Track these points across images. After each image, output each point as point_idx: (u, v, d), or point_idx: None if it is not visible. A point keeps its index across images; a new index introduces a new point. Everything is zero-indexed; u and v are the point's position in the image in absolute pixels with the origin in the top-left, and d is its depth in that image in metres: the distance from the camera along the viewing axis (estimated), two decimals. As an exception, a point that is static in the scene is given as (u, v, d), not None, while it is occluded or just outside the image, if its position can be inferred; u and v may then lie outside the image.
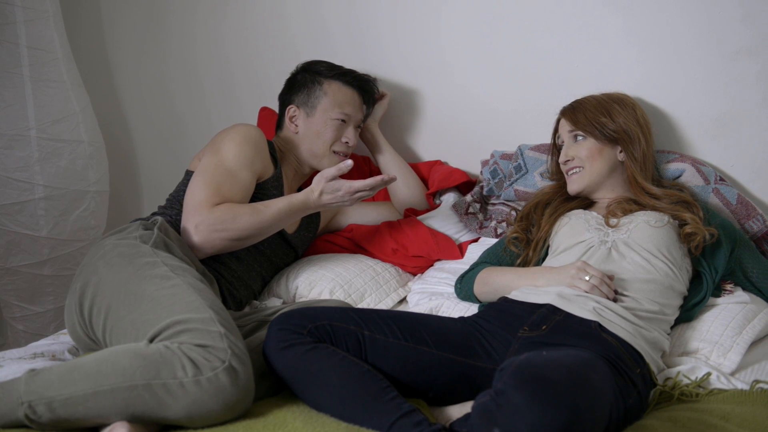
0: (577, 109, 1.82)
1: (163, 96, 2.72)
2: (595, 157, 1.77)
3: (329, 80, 2.04)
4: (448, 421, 1.36)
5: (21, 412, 1.27)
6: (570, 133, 1.80)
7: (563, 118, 1.84)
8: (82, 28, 2.71)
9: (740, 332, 1.60)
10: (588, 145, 1.77)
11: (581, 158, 1.78)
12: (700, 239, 1.63)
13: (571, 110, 1.83)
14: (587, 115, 1.79)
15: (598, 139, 1.77)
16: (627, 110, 1.80)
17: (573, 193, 1.81)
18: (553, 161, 1.94)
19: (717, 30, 1.88)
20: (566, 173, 1.82)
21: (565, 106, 1.86)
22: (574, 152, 1.79)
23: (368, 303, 1.94)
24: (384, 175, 1.75)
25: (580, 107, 1.82)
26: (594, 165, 1.77)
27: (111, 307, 1.48)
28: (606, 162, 1.77)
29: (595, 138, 1.77)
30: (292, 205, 1.76)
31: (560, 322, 1.46)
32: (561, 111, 1.86)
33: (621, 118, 1.78)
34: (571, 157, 1.79)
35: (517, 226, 1.84)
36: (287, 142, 2.05)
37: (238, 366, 1.30)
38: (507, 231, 1.89)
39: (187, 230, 1.72)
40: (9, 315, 2.54)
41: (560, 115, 1.86)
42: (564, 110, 1.85)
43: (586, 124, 1.78)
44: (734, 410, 1.31)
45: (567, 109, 1.85)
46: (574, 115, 1.80)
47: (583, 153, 1.77)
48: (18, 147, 2.34)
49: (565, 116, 1.83)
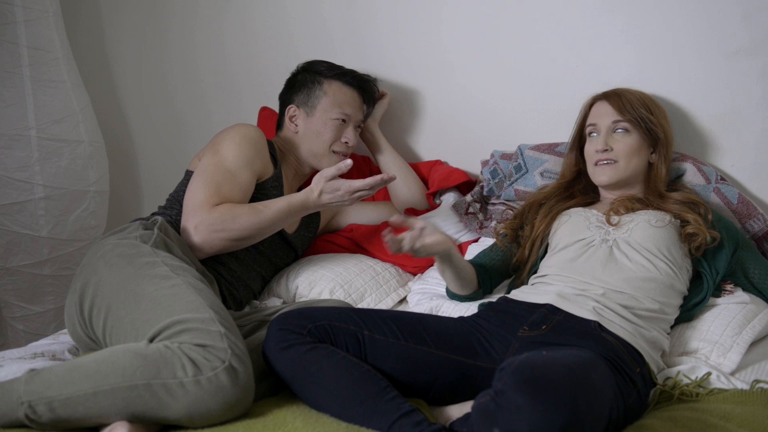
0: (623, 96, 1.73)
1: (163, 96, 2.72)
2: (634, 154, 1.72)
3: (329, 80, 2.04)
4: (448, 420, 1.36)
5: (21, 412, 1.27)
6: (614, 122, 1.72)
7: (606, 102, 1.75)
8: (82, 28, 2.71)
9: (740, 332, 1.60)
10: (630, 141, 1.71)
11: (619, 152, 1.71)
12: (702, 240, 1.62)
13: (616, 96, 1.74)
14: (633, 105, 1.71)
15: (641, 136, 1.72)
16: (662, 111, 1.76)
17: (600, 185, 1.76)
18: (574, 151, 1.85)
19: (717, 30, 1.88)
20: (595, 162, 1.74)
21: (606, 91, 1.77)
22: (613, 143, 1.72)
23: (368, 303, 1.94)
24: (383, 174, 1.74)
25: (625, 96, 1.73)
26: (630, 162, 1.72)
27: (111, 306, 1.48)
28: (641, 161, 1.74)
29: (639, 133, 1.71)
30: (292, 204, 1.76)
31: (560, 321, 1.46)
32: (601, 95, 1.78)
33: (660, 118, 1.74)
34: (610, 147, 1.71)
35: (508, 223, 1.83)
36: (287, 142, 2.05)
37: (238, 366, 1.30)
38: (497, 227, 1.87)
39: (187, 230, 1.71)
40: (9, 315, 2.54)
41: (598, 98, 1.77)
42: (607, 95, 1.76)
43: (634, 114, 1.70)
44: (734, 410, 1.31)
45: (610, 94, 1.75)
46: (620, 102, 1.72)
47: (623, 147, 1.71)
48: (18, 147, 2.34)
49: (609, 100, 1.74)
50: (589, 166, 1.79)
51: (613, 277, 1.56)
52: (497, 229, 1.85)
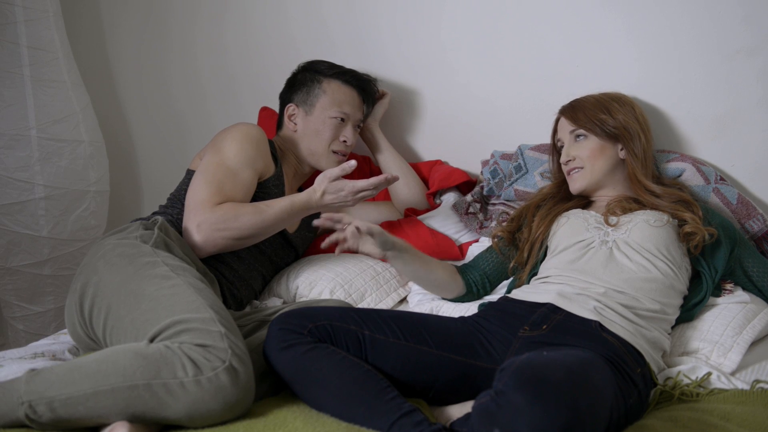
0: (577, 107, 1.81)
1: (163, 95, 2.72)
2: (597, 155, 1.76)
3: (328, 79, 2.04)
4: (448, 420, 1.36)
5: (21, 412, 1.27)
6: (571, 133, 1.80)
7: (563, 117, 1.83)
8: (82, 28, 2.71)
9: (740, 332, 1.60)
10: (589, 145, 1.77)
11: (582, 158, 1.77)
12: (700, 239, 1.62)
13: (570, 109, 1.82)
14: (587, 113, 1.78)
15: (599, 137, 1.76)
16: (626, 107, 1.80)
17: (575, 193, 1.80)
18: (554, 162, 1.93)
19: (717, 30, 1.88)
20: (567, 173, 1.81)
21: (563, 106, 1.86)
22: (575, 152, 1.78)
23: (368, 303, 1.94)
24: (387, 174, 1.74)
25: (579, 106, 1.81)
26: (596, 164, 1.76)
27: (111, 306, 1.48)
28: (607, 160, 1.77)
29: (596, 136, 1.76)
30: (294, 204, 1.76)
31: (561, 321, 1.46)
32: (560, 110, 1.85)
33: (620, 115, 1.77)
34: (572, 157, 1.78)
35: (504, 226, 1.84)
36: (287, 141, 2.05)
37: (239, 366, 1.30)
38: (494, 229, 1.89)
39: (189, 229, 1.71)
40: (9, 315, 2.54)
41: (559, 114, 1.85)
42: (563, 109, 1.85)
43: (586, 122, 1.77)
44: (735, 410, 1.31)
45: (566, 108, 1.84)
46: (574, 114, 1.80)
47: (584, 153, 1.77)
48: (18, 147, 2.34)
49: (564, 115, 1.83)
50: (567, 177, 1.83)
51: (614, 277, 1.56)
52: (494, 232, 1.85)
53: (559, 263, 1.64)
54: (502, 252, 1.85)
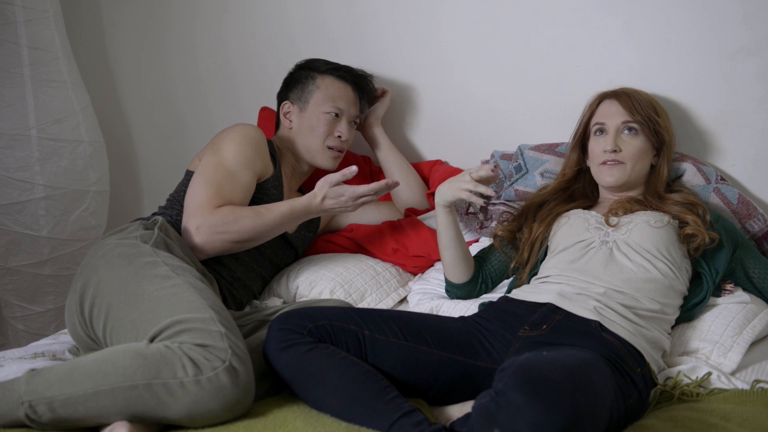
0: (633, 96, 1.71)
1: (163, 96, 2.72)
2: (641, 156, 1.71)
3: (323, 75, 2.05)
4: (448, 420, 1.36)
5: (21, 412, 1.27)
6: (624, 123, 1.71)
7: (615, 102, 1.73)
8: (82, 28, 2.70)
9: (740, 332, 1.60)
10: (638, 143, 1.70)
11: (626, 154, 1.69)
12: (700, 242, 1.61)
13: (626, 96, 1.71)
14: (643, 107, 1.70)
15: (647, 138, 1.71)
16: (666, 113, 1.75)
17: (606, 186, 1.74)
18: (574, 153, 1.83)
19: (717, 30, 1.88)
20: (603, 162, 1.72)
21: (614, 90, 1.75)
22: (622, 145, 1.70)
23: (368, 303, 1.94)
24: (387, 180, 1.75)
25: (635, 96, 1.71)
26: (637, 164, 1.71)
27: (111, 306, 1.48)
28: (645, 164, 1.73)
29: (646, 135, 1.71)
30: (294, 209, 1.76)
31: (561, 321, 1.46)
32: (611, 93, 1.76)
33: (663, 120, 1.73)
34: (619, 148, 1.70)
35: (506, 225, 1.83)
36: (284, 140, 2.05)
37: (239, 366, 1.30)
38: (495, 228, 1.87)
39: (188, 231, 1.71)
40: (9, 315, 2.54)
41: (610, 97, 1.75)
42: (617, 93, 1.74)
43: (643, 116, 1.69)
44: (735, 410, 1.31)
45: (621, 93, 1.73)
46: (631, 103, 1.70)
47: (631, 149, 1.69)
48: (18, 147, 2.34)
49: (619, 99, 1.72)
50: (593, 165, 1.78)
51: (614, 277, 1.56)
52: (494, 231, 1.85)
53: (559, 263, 1.64)
54: (503, 251, 1.85)
